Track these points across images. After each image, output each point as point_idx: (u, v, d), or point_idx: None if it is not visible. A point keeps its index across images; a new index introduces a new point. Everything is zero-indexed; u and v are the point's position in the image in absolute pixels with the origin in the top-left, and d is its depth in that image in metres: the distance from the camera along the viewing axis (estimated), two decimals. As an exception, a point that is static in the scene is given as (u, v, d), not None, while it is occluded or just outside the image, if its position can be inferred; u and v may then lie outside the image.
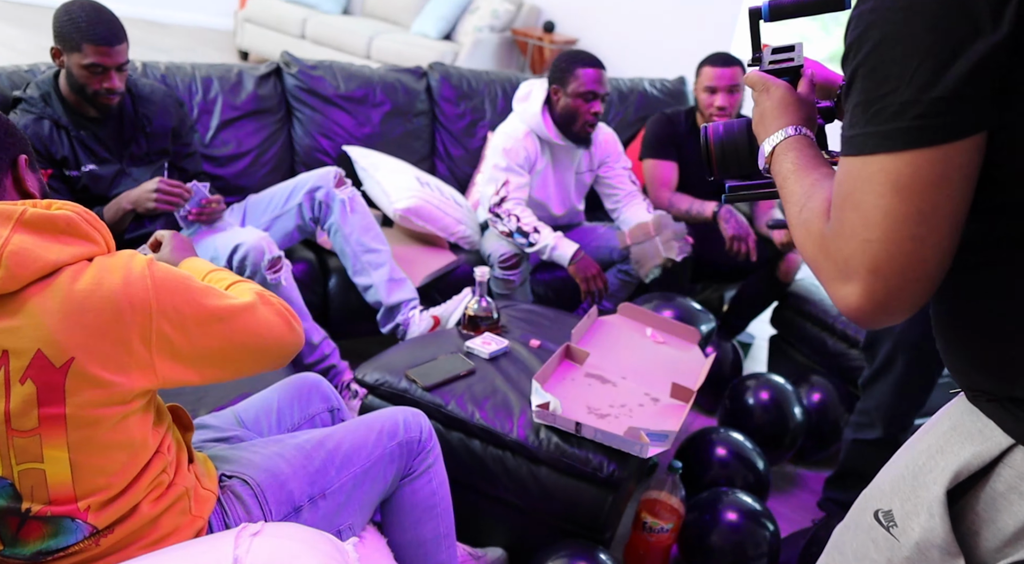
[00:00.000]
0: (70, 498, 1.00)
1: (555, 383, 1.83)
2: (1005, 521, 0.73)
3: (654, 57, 5.34)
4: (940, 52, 0.64)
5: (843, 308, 0.72)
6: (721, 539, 1.80)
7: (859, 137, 0.69)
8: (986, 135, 0.67)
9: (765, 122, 0.91)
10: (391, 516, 1.43)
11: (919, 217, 0.66)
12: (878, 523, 0.83)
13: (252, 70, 2.59)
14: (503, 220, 2.41)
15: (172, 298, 1.01)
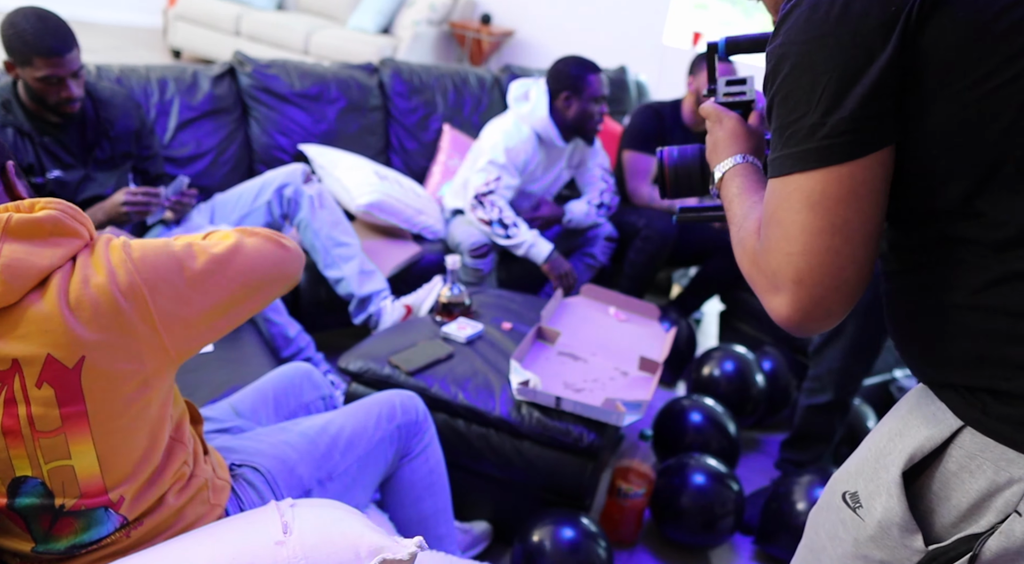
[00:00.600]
0: (100, 490, 1.02)
1: (531, 362, 1.92)
2: (958, 498, 0.76)
3: (591, 47, 5.46)
4: (841, 78, 0.72)
5: (776, 318, 0.78)
6: (690, 501, 1.92)
7: (778, 159, 0.76)
8: (892, 150, 0.74)
9: (717, 150, 0.97)
10: (392, 495, 1.51)
11: (832, 230, 0.73)
12: (845, 504, 0.87)
13: (207, 71, 2.60)
14: (486, 208, 2.51)
15: (159, 272, 1.01)
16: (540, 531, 1.69)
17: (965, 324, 0.76)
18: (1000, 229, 0.72)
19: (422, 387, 1.80)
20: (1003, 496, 0.73)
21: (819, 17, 0.73)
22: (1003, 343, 0.73)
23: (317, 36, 5.48)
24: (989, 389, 0.74)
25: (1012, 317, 0.72)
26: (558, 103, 2.58)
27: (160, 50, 6.24)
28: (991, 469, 0.74)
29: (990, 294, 0.74)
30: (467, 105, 3.21)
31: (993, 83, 0.70)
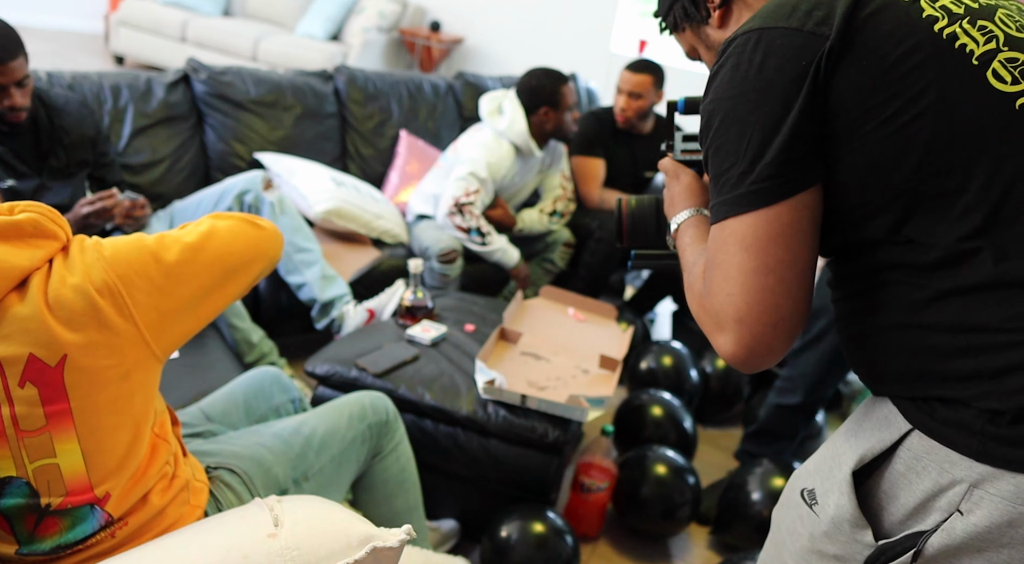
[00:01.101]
0: (86, 486, 1.03)
1: (495, 362, 1.97)
2: (906, 498, 0.80)
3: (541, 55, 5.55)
4: (763, 128, 0.78)
5: (723, 356, 0.82)
6: (649, 492, 1.99)
7: (715, 207, 0.83)
8: (818, 190, 0.80)
9: (674, 204, 1.03)
10: (365, 493, 1.54)
11: (766, 270, 0.78)
12: (803, 501, 0.91)
13: (160, 77, 2.59)
14: (465, 217, 2.57)
15: (132, 267, 1.02)
16: (507, 526, 1.74)
17: (906, 343, 0.80)
18: (928, 252, 0.77)
19: (389, 389, 1.83)
20: (946, 496, 0.76)
21: (740, 75, 0.81)
22: (943, 358, 0.77)
23: (265, 43, 5.45)
24: (937, 398, 0.78)
25: (947, 333, 0.76)
26: (536, 118, 2.67)
27: (102, 56, 6.11)
28: (935, 470, 0.77)
29: (925, 313, 0.78)
30: (422, 111, 3.24)
31: (899, 122, 0.76)
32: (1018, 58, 0.77)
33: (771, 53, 0.80)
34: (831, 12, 0.79)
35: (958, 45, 0.77)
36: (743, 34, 0.83)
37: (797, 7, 0.81)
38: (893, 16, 0.79)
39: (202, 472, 1.27)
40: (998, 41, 0.78)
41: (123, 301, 1.00)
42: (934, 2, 0.80)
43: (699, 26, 1.02)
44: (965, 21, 0.79)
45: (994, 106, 0.76)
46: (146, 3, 5.73)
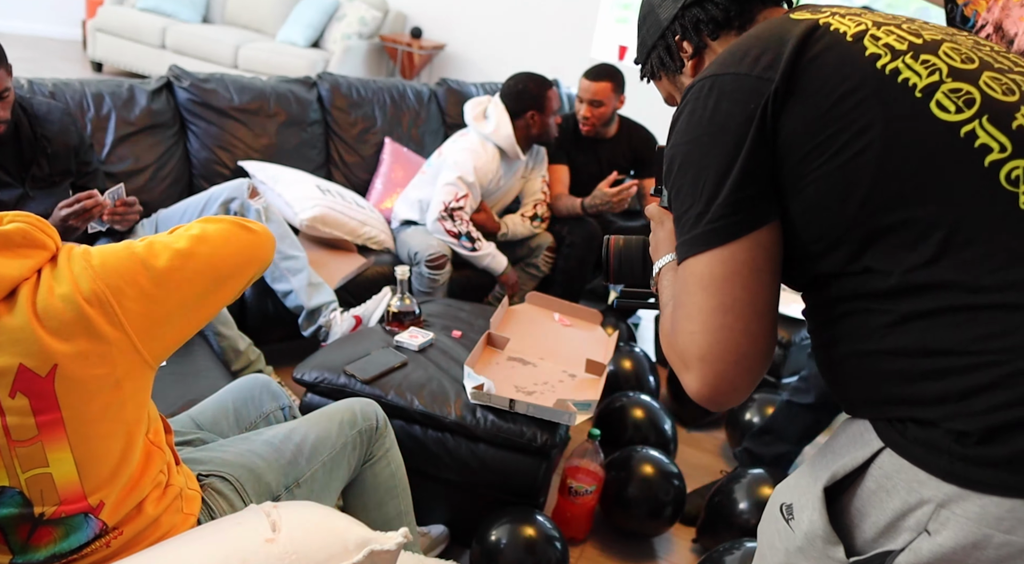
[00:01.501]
0: (79, 495, 1.03)
1: (482, 367, 1.99)
2: (877, 516, 0.80)
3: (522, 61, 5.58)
4: (717, 170, 0.82)
5: (690, 394, 0.84)
6: (635, 491, 2.01)
7: (677, 248, 0.86)
8: (773, 229, 0.83)
9: (658, 248, 1.06)
10: (356, 499, 1.54)
11: (723, 308, 0.80)
12: (782, 515, 0.92)
13: (143, 85, 2.58)
14: (455, 222, 2.60)
15: (121, 276, 1.02)
16: (497, 530, 1.75)
17: (872, 369, 0.82)
18: (886, 279, 0.78)
19: (378, 395, 1.84)
20: (915, 516, 0.77)
21: (695, 120, 0.85)
22: (908, 382, 0.78)
23: (246, 49, 5.43)
24: (908, 418, 0.79)
25: (912, 357, 0.78)
26: (522, 122, 2.70)
27: (80, 62, 6.06)
28: (904, 489, 0.77)
29: (888, 339, 0.79)
30: (405, 118, 3.25)
31: (844, 157, 0.79)
32: (962, 88, 0.80)
33: (722, 98, 0.83)
34: (778, 56, 0.82)
35: (900, 79, 0.80)
36: (699, 81, 0.87)
37: (747, 53, 0.85)
38: (836, 56, 0.82)
39: (194, 480, 1.27)
40: (941, 73, 0.81)
41: (112, 310, 1.00)
42: (877, 40, 0.83)
43: (674, 75, 1.07)
44: (908, 56, 0.82)
45: (939, 135, 0.78)
46: (124, 9, 5.69)
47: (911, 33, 0.85)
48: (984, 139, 0.77)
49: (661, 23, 1.05)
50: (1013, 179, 0.76)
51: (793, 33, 0.84)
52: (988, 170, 0.76)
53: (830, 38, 0.84)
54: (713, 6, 0.99)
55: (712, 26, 1.00)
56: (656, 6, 1.06)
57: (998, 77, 0.82)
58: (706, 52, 1.02)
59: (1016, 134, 0.78)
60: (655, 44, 1.06)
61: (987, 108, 0.79)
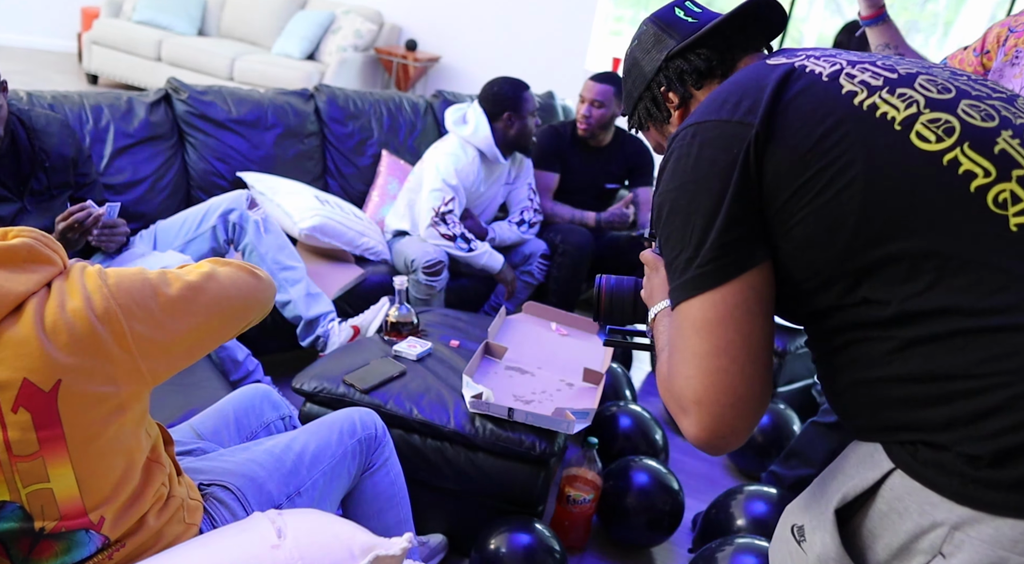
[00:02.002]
0: (80, 511, 1.03)
1: (481, 377, 2.00)
2: (889, 538, 0.80)
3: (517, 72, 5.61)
4: (704, 215, 0.84)
5: (688, 438, 0.84)
6: (633, 501, 2.02)
7: (670, 293, 0.88)
8: (764, 270, 0.84)
9: (653, 294, 1.08)
10: (356, 508, 1.55)
11: (717, 351, 0.81)
12: (793, 537, 0.92)
13: (141, 97, 2.60)
14: (448, 225, 2.63)
15: (133, 298, 1.03)
16: (496, 539, 1.76)
17: (879, 397, 0.81)
18: (885, 308, 0.78)
19: (377, 404, 1.84)
20: (928, 538, 0.76)
21: (681, 167, 0.87)
22: (916, 408, 0.78)
23: (241, 62, 5.46)
24: (920, 441, 0.78)
25: (918, 383, 0.77)
26: (500, 124, 2.72)
27: (75, 75, 6.08)
28: (917, 512, 0.77)
29: (893, 366, 0.79)
30: (402, 130, 3.27)
31: (829, 194, 0.80)
32: (940, 117, 0.81)
33: (706, 144, 0.86)
34: (758, 100, 0.84)
35: (879, 114, 0.82)
36: (683, 129, 0.89)
37: (727, 100, 0.87)
38: (814, 97, 0.84)
39: (196, 490, 1.28)
40: (919, 105, 0.82)
41: (121, 329, 1.01)
42: (853, 78, 0.85)
43: (662, 125, 1.10)
44: (884, 91, 0.83)
45: (922, 166, 0.79)
46: (120, 22, 5.72)
47: (885, 69, 0.87)
48: (967, 165, 0.78)
49: (646, 75, 1.08)
50: (1001, 202, 0.77)
51: (771, 78, 0.86)
52: (975, 195, 0.77)
53: (807, 79, 0.86)
54: (696, 57, 1.02)
55: (696, 76, 1.03)
56: (640, 59, 1.09)
57: (976, 104, 0.83)
58: (691, 101, 1.05)
59: (999, 158, 0.79)
60: (641, 96, 1.10)
61: (967, 135, 0.80)
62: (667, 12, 1.09)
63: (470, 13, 5.89)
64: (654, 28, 1.09)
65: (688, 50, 1.03)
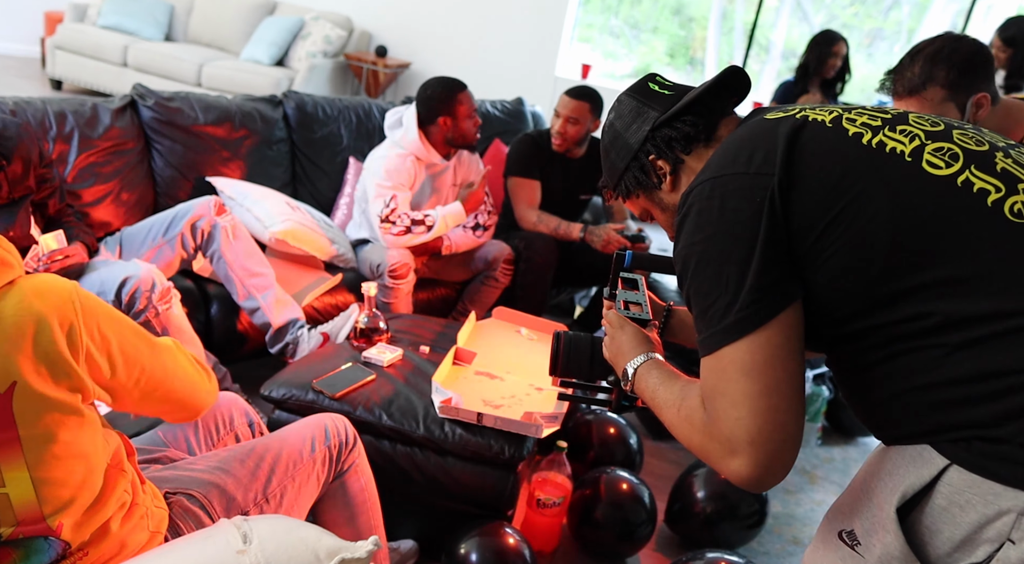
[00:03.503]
0: (38, 517, 1.03)
1: (450, 382, 2.00)
2: (951, 531, 0.82)
3: (487, 79, 5.64)
4: (738, 261, 0.88)
5: (737, 480, 0.86)
6: (606, 513, 2.04)
7: (706, 340, 0.90)
8: (798, 307, 0.88)
9: (623, 351, 1.13)
10: (327, 514, 1.55)
11: (768, 391, 0.85)
12: (843, 543, 0.93)
13: (107, 103, 2.57)
14: (396, 224, 2.61)
15: (98, 320, 1.05)
16: (466, 544, 1.76)
17: (930, 402, 0.84)
18: (929, 318, 0.83)
19: (347, 411, 1.84)
20: (994, 527, 0.79)
21: (705, 219, 0.91)
22: (969, 408, 0.81)
23: (209, 67, 5.42)
24: (974, 437, 0.81)
25: (969, 384, 0.81)
26: (435, 127, 2.71)
27: (39, 81, 5.99)
28: (980, 503, 0.79)
29: (943, 371, 0.82)
30: (371, 137, 3.27)
31: (858, 226, 0.86)
32: (943, 146, 0.89)
33: (727, 196, 0.90)
34: (770, 152, 0.90)
35: (888, 149, 0.89)
36: (698, 185, 0.93)
37: (738, 155, 0.92)
38: (825, 142, 0.90)
39: (161, 498, 1.27)
40: (920, 137, 0.90)
41: (79, 343, 1.02)
42: (854, 122, 0.92)
43: (652, 191, 1.14)
44: (886, 129, 0.91)
45: (940, 189, 0.86)
46: (85, 27, 5.65)
47: (878, 112, 0.94)
48: (980, 184, 0.86)
49: (631, 146, 1.11)
50: (1016, 212, 0.84)
51: (780, 130, 0.92)
52: (992, 209, 0.84)
53: (813, 128, 0.92)
54: (682, 124, 1.07)
55: (684, 142, 1.07)
56: (623, 132, 1.13)
57: (964, 132, 0.92)
58: (681, 167, 1.09)
59: (1003, 176, 0.87)
60: (628, 166, 1.13)
61: (971, 158, 0.88)
62: (642, 87, 1.14)
63: (440, 19, 5.91)
64: (633, 102, 1.13)
65: (674, 118, 1.08)
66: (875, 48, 6.03)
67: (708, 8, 6.08)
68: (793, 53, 5.82)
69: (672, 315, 1.39)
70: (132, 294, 1.95)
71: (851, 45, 4.20)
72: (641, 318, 1.24)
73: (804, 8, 5.91)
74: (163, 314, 2.00)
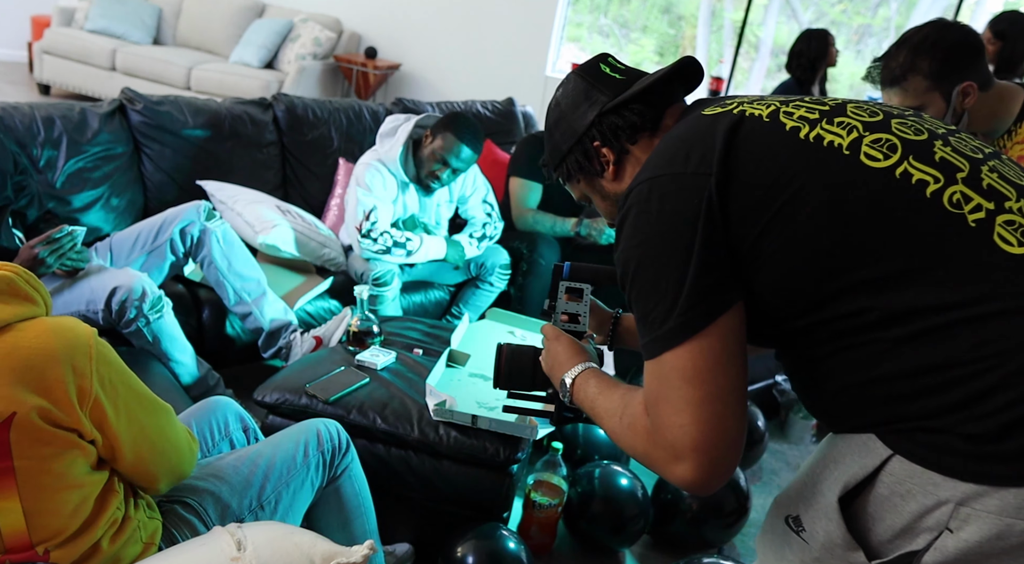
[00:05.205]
0: (26, 545, 1.04)
1: (444, 384, 2.00)
2: (892, 519, 0.84)
3: (478, 80, 5.63)
4: (676, 264, 0.86)
5: (681, 484, 0.86)
6: (600, 507, 2.04)
7: (647, 345, 0.89)
8: (739, 310, 0.86)
9: (560, 361, 1.11)
10: (321, 519, 1.54)
11: (711, 398, 0.84)
12: (790, 528, 0.95)
13: (95, 108, 2.56)
14: (376, 241, 2.57)
15: (109, 371, 1.08)
16: (462, 546, 1.76)
17: (874, 395, 0.85)
18: (870, 314, 0.83)
19: (340, 415, 1.84)
20: (933, 516, 0.81)
21: (644, 221, 0.90)
22: (911, 400, 0.82)
23: (199, 71, 5.40)
24: (917, 428, 0.82)
25: (912, 377, 0.81)
26: (422, 152, 2.65)
27: (27, 85, 5.96)
28: (920, 493, 0.81)
29: (885, 366, 0.83)
30: (361, 139, 3.26)
31: (796, 226, 0.85)
32: (881, 137, 0.88)
33: (665, 198, 0.88)
34: (707, 150, 0.88)
35: (826, 143, 0.87)
36: (636, 186, 0.92)
37: (676, 154, 0.90)
38: (762, 138, 0.89)
39: (154, 508, 1.27)
40: (858, 129, 0.88)
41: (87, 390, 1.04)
42: (791, 116, 0.90)
43: (593, 178, 1.11)
44: (824, 122, 0.89)
45: (879, 182, 0.85)
46: (72, 31, 5.61)
47: (816, 103, 0.93)
48: (919, 175, 0.84)
49: (576, 130, 1.08)
50: (955, 202, 0.83)
51: (717, 127, 0.90)
52: (932, 200, 0.83)
53: (751, 124, 0.90)
54: (629, 112, 1.04)
55: (630, 131, 1.05)
56: (568, 114, 1.10)
57: (903, 121, 0.91)
58: (626, 156, 1.07)
59: (941, 165, 0.86)
60: (571, 149, 1.10)
61: (909, 149, 0.86)
62: (593, 68, 1.10)
63: (430, 20, 5.90)
64: (582, 83, 1.09)
65: (622, 106, 1.05)
66: (864, 45, 6.05)
67: (697, 6, 6.09)
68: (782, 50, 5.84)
69: (619, 322, 1.38)
70: (122, 303, 1.93)
71: (839, 42, 4.22)
72: (576, 330, 1.23)
73: (793, 5, 5.93)
74: (154, 324, 1.99)
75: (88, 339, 1.05)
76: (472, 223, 2.96)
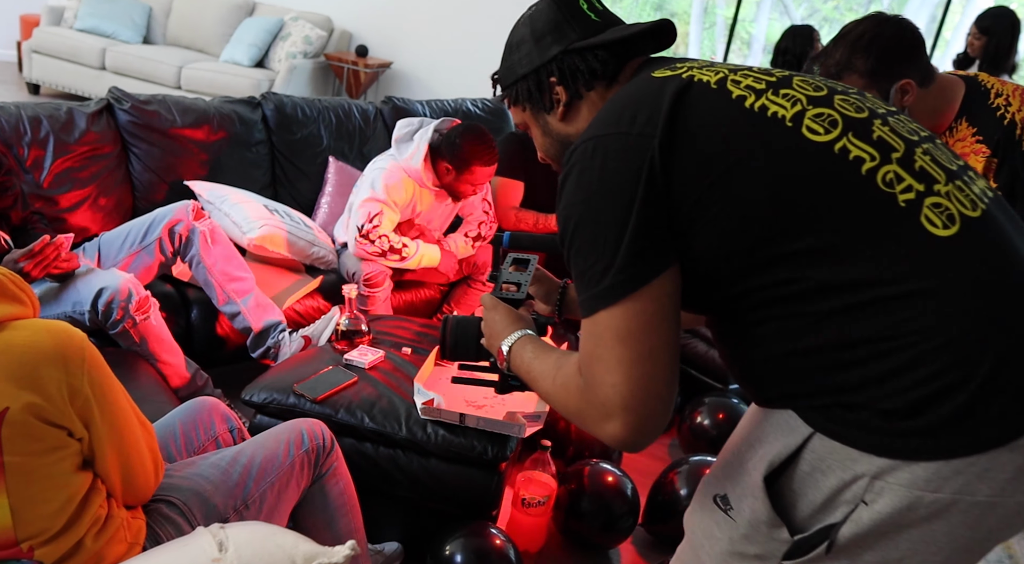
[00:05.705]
0: (11, 541, 1.04)
1: (432, 383, 2.00)
2: (813, 495, 0.87)
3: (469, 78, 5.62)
4: (614, 223, 0.86)
5: (611, 442, 0.88)
6: (589, 505, 2.04)
7: (584, 302, 0.90)
8: (674, 273, 0.87)
9: (497, 331, 1.13)
10: (307, 519, 1.54)
11: (642, 358, 0.85)
12: (717, 506, 0.98)
13: (82, 107, 2.54)
14: (375, 243, 2.57)
15: (101, 373, 1.09)
16: (451, 544, 1.76)
17: (797, 367, 0.87)
18: (800, 284, 0.85)
19: (328, 414, 1.84)
20: (851, 490, 0.84)
21: (585, 180, 0.90)
22: (831, 374, 0.85)
23: (189, 70, 5.38)
24: (835, 404, 0.85)
25: (834, 351, 0.84)
26: (441, 166, 2.67)
27: (16, 85, 5.93)
28: (839, 468, 0.85)
29: (809, 338, 0.85)
30: (351, 137, 3.26)
31: (734, 192, 0.86)
32: (823, 112, 0.89)
33: (608, 157, 0.89)
34: (654, 112, 0.88)
35: (770, 114, 0.88)
36: (582, 143, 0.92)
37: (622, 113, 0.91)
38: (708, 104, 0.89)
39: (138, 508, 1.27)
40: (802, 102, 0.90)
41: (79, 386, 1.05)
42: (739, 84, 0.91)
43: (539, 112, 1.10)
44: (769, 93, 0.90)
45: (817, 155, 0.86)
46: (62, 30, 5.59)
47: (764, 73, 0.94)
48: (856, 152, 0.86)
49: (535, 60, 1.06)
50: (887, 182, 0.85)
51: (665, 90, 0.91)
52: (866, 177, 0.85)
53: (698, 88, 0.91)
54: (593, 58, 1.03)
55: (588, 76, 1.04)
56: (532, 39, 1.06)
57: (846, 98, 0.92)
58: (578, 101, 1.06)
59: (878, 144, 0.87)
60: (525, 76, 1.08)
61: (849, 126, 0.88)
62: (572, 1, 1.06)
63: (421, 18, 5.89)
64: (557, 14, 1.05)
65: (587, 50, 1.03)
66: (854, 42, 6.06)
67: (689, 3, 6.09)
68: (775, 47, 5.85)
69: (567, 292, 1.38)
70: (108, 305, 1.92)
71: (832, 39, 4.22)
72: (514, 298, 1.24)
73: (785, 2, 5.94)
74: (141, 325, 1.98)
75: (81, 341, 1.07)
76: (468, 221, 2.96)
